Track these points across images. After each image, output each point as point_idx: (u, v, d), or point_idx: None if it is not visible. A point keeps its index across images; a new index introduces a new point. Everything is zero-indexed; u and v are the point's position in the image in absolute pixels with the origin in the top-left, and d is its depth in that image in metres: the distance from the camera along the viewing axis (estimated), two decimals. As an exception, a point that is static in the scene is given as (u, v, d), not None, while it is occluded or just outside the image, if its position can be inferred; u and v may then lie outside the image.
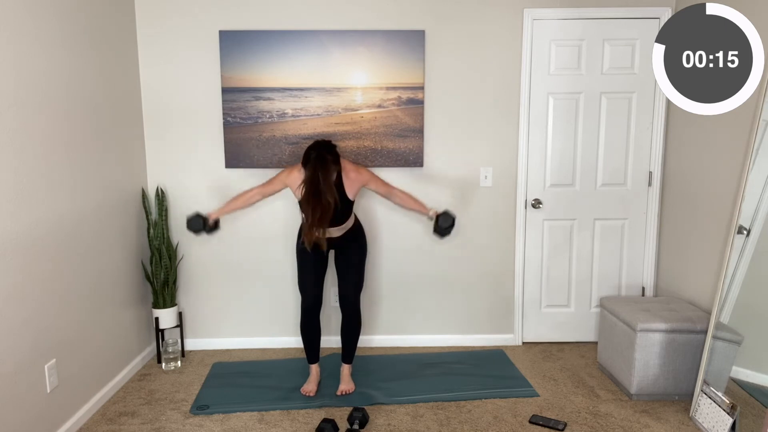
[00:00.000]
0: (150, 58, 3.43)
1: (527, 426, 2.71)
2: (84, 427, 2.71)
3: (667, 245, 3.56)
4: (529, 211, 3.64)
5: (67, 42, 2.65)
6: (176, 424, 2.72)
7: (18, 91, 2.28)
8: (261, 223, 3.58)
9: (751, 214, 2.61)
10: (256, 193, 2.96)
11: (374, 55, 3.42)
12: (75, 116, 2.71)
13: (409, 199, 3.01)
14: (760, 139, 2.60)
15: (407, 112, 3.48)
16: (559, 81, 3.51)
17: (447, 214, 2.91)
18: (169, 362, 3.38)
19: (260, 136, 3.47)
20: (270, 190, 2.96)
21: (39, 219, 2.41)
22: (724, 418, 2.51)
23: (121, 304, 3.20)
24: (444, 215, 2.91)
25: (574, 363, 3.45)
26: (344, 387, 3.03)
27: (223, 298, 3.66)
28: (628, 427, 2.69)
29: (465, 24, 3.45)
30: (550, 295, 3.73)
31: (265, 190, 2.95)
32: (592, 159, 3.59)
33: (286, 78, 3.43)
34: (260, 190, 2.96)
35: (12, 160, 2.24)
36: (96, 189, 2.91)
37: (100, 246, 2.94)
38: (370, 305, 3.64)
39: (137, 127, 3.41)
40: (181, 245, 3.58)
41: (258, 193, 2.96)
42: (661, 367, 2.90)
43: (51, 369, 2.48)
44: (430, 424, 2.72)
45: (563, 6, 3.43)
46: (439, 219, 2.90)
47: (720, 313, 2.70)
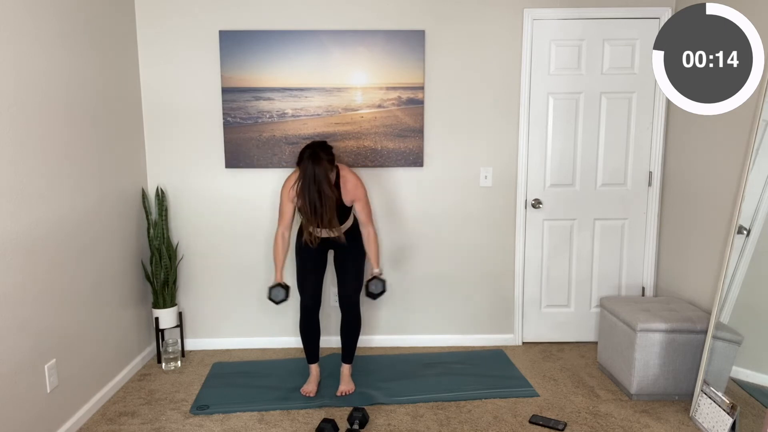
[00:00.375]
0: (150, 58, 3.43)
1: (527, 426, 2.71)
2: (84, 427, 2.71)
3: (667, 245, 3.56)
4: (529, 211, 3.64)
5: (67, 42, 2.65)
6: (176, 424, 2.72)
7: (18, 91, 2.28)
8: (261, 223, 3.59)
9: (751, 214, 2.61)
10: (283, 231, 2.95)
11: (374, 55, 3.42)
12: (75, 116, 2.71)
13: (371, 245, 2.99)
14: (760, 139, 2.60)
15: (407, 112, 3.48)
16: (559, 81, 3.51)
17: (379, 280, 2.93)
18: (169, 362, 3.38)
19: (260, 136, 3.47)
20: (288, 218, 2.94)
21: (39, 219, 2.41)
22: (724, 418, 2.51)
23: (121, 304, 3.20)
24: (376, 280, 2.93)
25: (574, 363, 3.45)
26: (344, 387, 3.03)
27: (223, 298, 3.66)
28: (628, 427, 2.69)
29: (465, 24, 3.45)
30: (550, 295, 3.73)
31: (285, 221, 2.94)
32: (592, 159, 3.59)
33: (286, 78, 3.43)
34: (283, 226, 2.95)
35: (12, 160, 2.24)
36: (96, 189, 2.91)
37: (100, 246, 2.94)
38: (370, 305, 3.64)
39: (137, 127, 3.41)
40: (181, 245, 3.58)
41: (285, 229, 2.95)
42: (661, 367, 2.90)
43: (51, 369, 2.48)
44: (430, 424, 2.72)
45: (563, 6, 3.43)
46: (371, 282, 2.94)
47: (720, 313, 2.70)
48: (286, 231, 2.96)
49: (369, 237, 2.98)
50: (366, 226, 2.98)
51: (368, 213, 2.97)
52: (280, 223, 2.95)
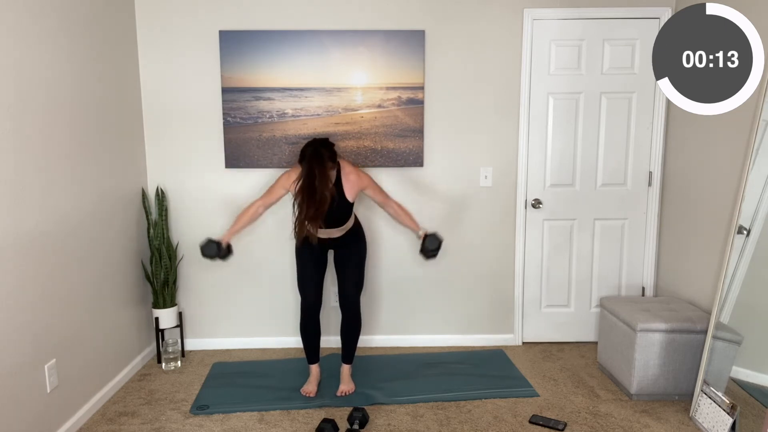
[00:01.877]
0: (150, 58, 3.43)
1: (527, 426, 2.71)
2: (84, 427, 2.71)
3: (667, 245, 3.56)
4: (529, 211, 3.64)
5: (67, 42, 2.65)
6: (176, 424, 2.72)
7: (17, 91, 2.28)
8: (261, 223, 3.58)
9: (751, 214, 2.61)
10: (260, 205, 2.93)
11: (374, 55, 3.42)
12: (75, 116, 2.71)
13: (403, 214, 3.01)
14: (760, 139, 2.60)
15: (407, 112, 3.48)
16: (559, 81, 3.51)
17: (435, 237, 2.92)
18: (169, 362, 3.38)
19: (260, 136, 3.47)
20: (273, 198, 2.92)
21: (39, 219, 2.41)
22: (724, 418, 2.51)
23: (121, 304, 3.20)
24: (432, 237, 2.91)
25: (574, 363, 3.45)
26: (344, 387, 3.03)
27: (223, 298, 3.66)
28: (628, 427, 2.69)
29: (465, 24, 3.45)
30: (550, 295, 3.73)
31: (268, 199, 2.92)
32: (592, 159, 3.59)
33: (286, 78, 3.43)
34: (263, 202, 2.93)
35: (12, 160, 2.24)
36: (96, 189, 2.91)
37: (100, 246, 2.94)
38: (370, 305, 3.64)
39: (137, 127, 3.41)
40: (181, 245, 3.58)
41: (261, 205, 2.93)
42: (661, 367, 2.90)
43: (51, 369, 2.48)
44: (430, 424, 2.72)
45: (563, 6, 3.43)
46: (426, 240, 2.91)
47: (720, 313, 2.70)
48: (261, 207, 2.93)
49: (398, 209, 2.99)
50: (387, 202, 2.99)
51: (383, 192, 3.00)
52: (262, 197, 2.94)
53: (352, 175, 2.88)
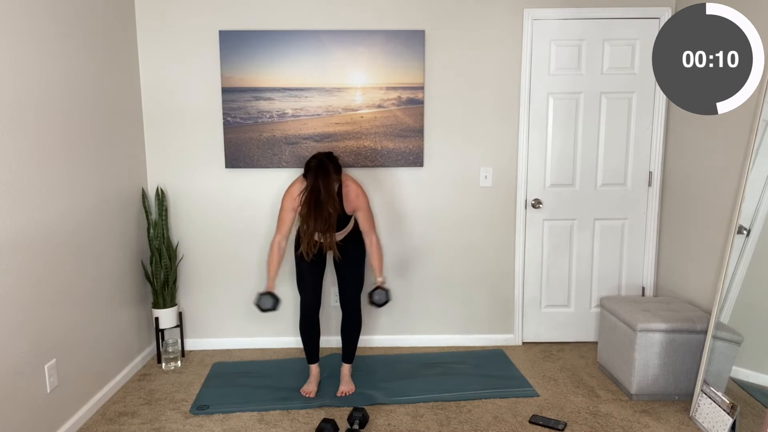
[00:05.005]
0: (150, 58, 3.43)
1: (527, 426, 2.71)
2: (84, 427, 2.71)
3: (667, 245, 3.56)
4: (529, 211, 3.64)
5: (67, 42, 2.65)
6: (176, 424, 2.72)
7: (17, 91, 2.28)
8: (261, 223, 3.59)
9: (751, 214, 2.61)
10: (280, 240, 2.91)
11: (374, 55, 3.42)
12: (75, 116, 2.71)
13: (375, 253, 2.96)
14: (760, 139, 2.60)
15: (407, 112, 3.48)
16: (559, 81, 3.51)
17: (385, 292, 2.88)
18: (169, 362, 3.38)
19: (260, 136, 3.47)
20: (287, 226, 2.91)
21: (38, 219, 2.41)
22: (724, 418, 2.51)
23: (121, 304, 3.20)
24: (382, 291, 2.88)
25: (574, 363, 3.45)
26: (344, 388, 3.03)
27: (223, 298, 3.66)
28: (628, 427, 2.69)
29: (465, 24, 3.45)
30: (550, 295, 3.73)
31: (284, 230, 2.91)
32: (592, 159, 3.59)
33: (286, 78, 3.43)
34: (281, 235, 2.91)
35: (11, 160, 2.24)
36: (96, 189, 2.91)
37: (99, 246, 2.94)
38: (370, 306, 3.64)
39: (137, 127, 3.41)
40: (181, 245, 3.58)
41: (282, 239, 2.91)
42: (661, 367, 2.90)
43: (51, 369, 2.48)
44: (430, 424, 2.72)
45: (563, 6, 3.43)
46: (375, 292, 2.88)
47: (720, 313, 2.70)
48: (283, 240, 2.92)
49: (372, 246, 2.96)
50: (369, 235, 2.96)
51: (371, 222, 2.96)
52: (278, 231, 2.92)
53: (352, 194, 2.88)
